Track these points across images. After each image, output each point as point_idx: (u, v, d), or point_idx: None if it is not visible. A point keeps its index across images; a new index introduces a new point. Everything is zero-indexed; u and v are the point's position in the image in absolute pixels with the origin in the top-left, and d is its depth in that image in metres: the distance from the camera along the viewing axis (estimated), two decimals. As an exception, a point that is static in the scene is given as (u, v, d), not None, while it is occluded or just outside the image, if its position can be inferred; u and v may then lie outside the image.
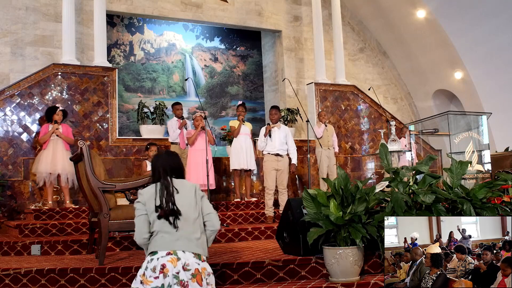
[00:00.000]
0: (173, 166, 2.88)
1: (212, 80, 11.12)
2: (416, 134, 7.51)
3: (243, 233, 5.63)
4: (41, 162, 6.43)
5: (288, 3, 10.43)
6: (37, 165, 6.48)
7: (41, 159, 6.46)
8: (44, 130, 6.57)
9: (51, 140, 6.53)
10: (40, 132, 6.66)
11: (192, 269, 2.59)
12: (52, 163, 6.43)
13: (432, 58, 10.73)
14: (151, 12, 9.15)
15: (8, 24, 8.00)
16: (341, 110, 9.67)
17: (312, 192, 3.58)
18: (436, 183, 3.51)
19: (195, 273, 2.59)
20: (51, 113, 6.67)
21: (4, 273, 3.86)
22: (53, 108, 6.76)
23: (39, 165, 6.44)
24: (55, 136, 6.55)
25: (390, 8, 10.63)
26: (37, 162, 6.51)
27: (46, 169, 6.42)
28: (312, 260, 3.70)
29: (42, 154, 6.50)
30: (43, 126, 6.65)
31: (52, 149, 6.47)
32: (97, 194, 4.14)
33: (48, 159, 6.40)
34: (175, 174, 2.87)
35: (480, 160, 5.56)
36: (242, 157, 7.18)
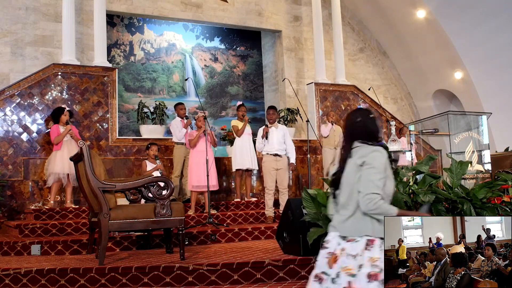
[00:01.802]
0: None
1: (212, 80, 11.12)
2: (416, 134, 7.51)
3: (243, 233, 5.63)
4: (57, 162, 6.46)
5: (288, 3, 10.43)
6: (52, 165, 6.50)
7: (56, 160, 6.48)
8: (57, 131, 6.57)
9: (65, 141, 6.57)
10: (51, 133, 6.65)
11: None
12: (70, 163, 6.43)
13: (432, 58, 10.72)
14: (151, 12, 9.15)
15: (8, 24, 8.00)
16: (341, 110, 9.67)
17: (312, 192, 3.59)
18: (436, 183, 3.52)
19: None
20: (58, 114, 6.69)
21: (4, 273, 3.86)
22: (60, 109, 6.77)
23: (55, 165, 6.46)
24: (68, 137, 6.59)
25: (390, 8, 10.63)
26: (51, 163, 6.54)
27: (64, 169, 6.45)
28: (312, 260, 3.70)
29: (57, 155, 6.51)
30: (53, 127, 6.64)
31: (67, 150, 6.48)
32: (97, 194, 4.14)
33: (65, 160, 6.38)
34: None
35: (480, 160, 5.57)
36: (246, 157, 7.15)
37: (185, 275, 3.71)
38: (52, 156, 6.59)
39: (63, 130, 6.59)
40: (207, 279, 3.69)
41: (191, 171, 6.53)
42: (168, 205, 4.30)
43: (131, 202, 4.89)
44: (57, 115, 6.69)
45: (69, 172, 6.47)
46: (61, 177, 6.53)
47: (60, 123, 6.65)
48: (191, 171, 6.54)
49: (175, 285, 3.70)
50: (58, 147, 6.54)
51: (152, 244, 5.23)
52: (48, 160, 6.69)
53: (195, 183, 6.42)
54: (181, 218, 4.35)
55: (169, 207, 4.30)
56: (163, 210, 4.28)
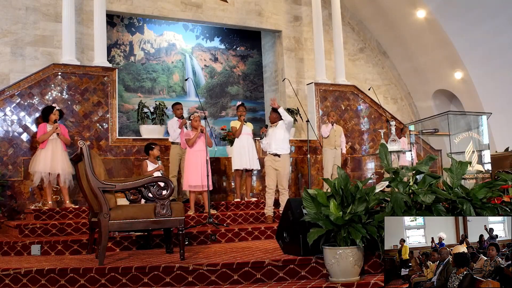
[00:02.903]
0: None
1: (212, 80, 11.12)
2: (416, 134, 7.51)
3: (243, 233, 5.63)
4: (39, 161, 6.41)
5: (288, 3, 10.43)
6: (34, 164, 6.44)
7: (39, 159, 6.43)
8: (43, 130, 6.54)
9: (50, 140, 6.51)
10: (38, 131, 6.63)
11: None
12: (52, 163, 6.42)
13: (432, 58, 10.73)
14: (151, 12, 9.15)
15: (8, 24, 8.00)
16: (341, 110, 9.67)
17: (312, 192, 3.58)
18: (436, 183, 3.51)
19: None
20: (48, 113, 6.66)
21: (4, 273, 3.86)
22: (49, 108, 6.74)
23: (37, 164, 6.41)
24: (54, 136, 6.53)
25: (390, 8, 10.63)
26: (34, 161, 6.47)
27: (45, 168, 6.40)
28: (312, 260, 3.69)
29: (41, 154, 6.47)
30: (41, 126, 6.62)
31: (51, 149, 6.45)
32: (97, 194, 4.14)
33: (48, 159, 6.38)
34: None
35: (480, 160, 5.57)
36: (244, 157, 7.19)
37: (185, 275, 3.71)
38: (36, 155, 6.53)
39: (50, 129, 6.56)
40: (207, 279, 3.69)
41: (187, 170, 6.51)
42: (168, 205, 4.30)
43: (131, 202, 4.89)
44: (46, 114, 6.66)
45: (50, 171, 6.43)
46: (43, 176, 6.44)
47: (49, 122, 6.62)
48: (187, 170, 6.52)
49: (175, 285, 3.70)
50: (43, 145, 6.49)
51: (152, 244, 5.23)
52: (32, 158, 6.61)
53: (192, 183, 6.42)
54: (181, 218, 4.35)
55: (169, 207, 4.30)
56: (163, 210, 4.28)
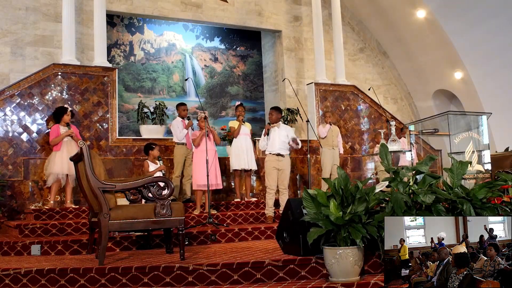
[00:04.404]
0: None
1: (212, 80, 11.12)
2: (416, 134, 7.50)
3: (243, 233, 5.63)
4: (56, 163, 6.44)
5: (288, 3, 10.43)
6: (51, 166, 6.48)
7: (55, 160, 6.46)
8: (56, 132, 6.55)
9: (64, 141, 6.54)
10: (51, 133, 6.62)
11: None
12: (70, 164, 6.41)
13: (432, 58, 10.72)
14: (151, 12, 9.15)
15: (8, 24, 8.00)
16: (341, 110, 9.67)
17: (312, 192, 3.58)
18: (436, 183, 3.51)
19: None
20: (61, 114, 6.66)
21: (4, 273, 3.86)
22: (62, 109, 6.75)
23: (53, 166, 6.45)
24: (68, 137, 6.57)
25: (390, 8, 10.63)
26: (50, 163, 6.52)
27: (63, 170, 6.44)
28: (312, 260, 3.69)
29: (56, 155, 6.49)
30: (53, 127, 6.62)
31: (66, 151, 6.46)
32: (97, 194, 4.14)
33: (64, 161, 6.37)
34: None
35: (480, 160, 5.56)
36: (242, 158, 7.22)
37: (185, 275, 3.71)
38: (52, 157, 6.58)
39: (63, 130, 6.57)
40: (207, 279, 3.69)
41: (196, 170, 6.54)
42: (168, 205, 4.31)
43: (131, 202, 4.90)
44: (59, 115, 6.67)
45: (68, 173, 6.47)
46: (60, 177, 6.52)
47: (62, 123, 6.63)
48: (195, 170, 6.55)
49: (175, 285, 3.70)
50: (58, 147, 6.53)
51: (152, 244, 5.23)
52: (48, 160, 6.68)
53: (201, 182, 6.42)
54: (181, 218, 4.35)
55: (169, 207, 4.31)
56: (163, 210, 4.28)
